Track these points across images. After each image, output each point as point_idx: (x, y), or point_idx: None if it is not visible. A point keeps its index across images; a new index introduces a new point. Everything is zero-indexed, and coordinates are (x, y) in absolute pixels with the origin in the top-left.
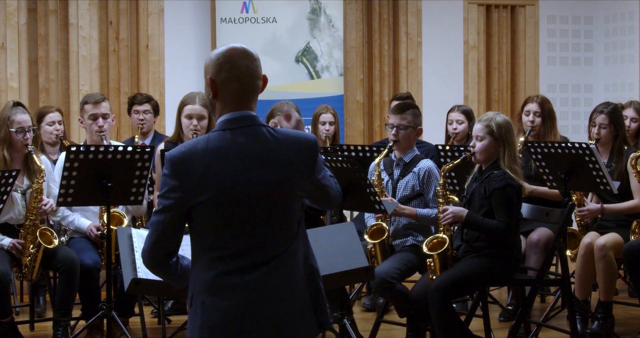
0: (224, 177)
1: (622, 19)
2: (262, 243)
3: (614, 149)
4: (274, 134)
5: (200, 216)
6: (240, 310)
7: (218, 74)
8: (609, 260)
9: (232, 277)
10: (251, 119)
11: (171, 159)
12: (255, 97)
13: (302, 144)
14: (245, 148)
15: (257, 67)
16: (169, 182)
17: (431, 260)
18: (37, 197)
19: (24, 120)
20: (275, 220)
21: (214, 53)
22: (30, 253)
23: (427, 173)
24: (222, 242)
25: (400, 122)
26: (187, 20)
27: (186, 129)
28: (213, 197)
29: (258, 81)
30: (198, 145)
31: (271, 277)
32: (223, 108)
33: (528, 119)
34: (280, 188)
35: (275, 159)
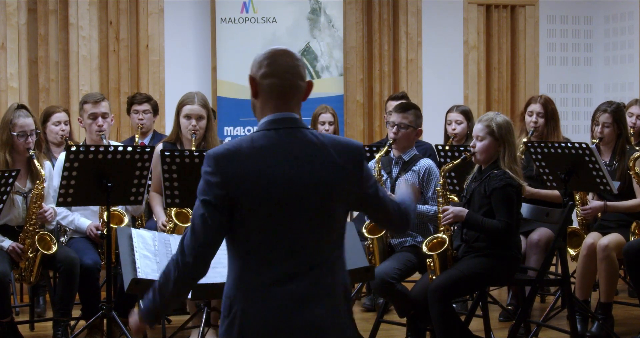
0: (268, 176)
1: (622, 19)
2: (304, 248)
3: (616, 148)
4: (318, 137)
5: (241, 219)
6: (280, 320)
7: (258, 70)
8: (611, 260)
9: (273, 284)
10: (295, 121)
11: (215, 156)
12: (297, 97)
13: (348, 148)
14: (291, 148)
15: (298, 66)
16: (210, 179)
17: (431, 260)
18: (37, 203)
19: (26, 124)
20: (319, 224)
21: (257, 54)
22: (29, 258)
23: (427, 172)
24: (264, 246)
25: (401, 121)
26: (187, 20)
27: (185, 129)
28: (256, 196)
29: (299, 81)
30: (243, 143)
31: (313, 286)
32: (263, 107)
33: (531, 119)
34: (325, 190)
35: (320, 161)
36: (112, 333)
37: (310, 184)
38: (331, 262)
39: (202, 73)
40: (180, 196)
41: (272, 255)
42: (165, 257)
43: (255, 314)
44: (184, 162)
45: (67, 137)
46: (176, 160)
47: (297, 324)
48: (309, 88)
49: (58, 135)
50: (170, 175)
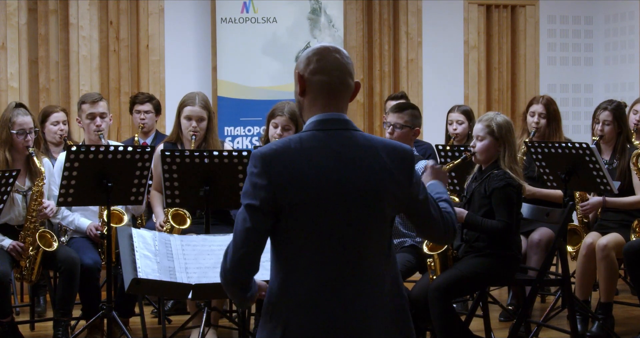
0: (317, 178)
1: (622, 19)
2: (354, 252)
3: (616, 147)
4: (368, 140)
5: (289, 220)
6: (324, 328)
7: (306, 67)
8: (610, 260)
9: (319, 291)
10: (345, 123)
11: (262, 155)
12: (346, 97)
13: (398, 152)
14: (340, 151)
15: (348, 64)
16: (257, 180)
17: (431, 260)
18: (37, 200)
19: (25, 122)
20: (367, 228)
21: (307, 50)
22: (30, 256)
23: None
24: (310, 250)
25: (397, 121)
26: (187, 20)
27: (185, 130)
28: (305, 199)
29: (349, 78)
30: (291, 143)
31: (363, 297)
32: (311, 106)
33: (533, 120)
34: (375, 194)
35: (370, 164)
36: (112, 333)
37: (359, 188)
38: (378, 272)
39: (202, 73)
40: (180, 196)
41: (318, 260)
42: (166, 257)
43: (301, 324)
44: (184, 162)
45: (65, 137)
46: (176, 160)
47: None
48: (357, 88)
49: (57, 135)
50: (170, 175)
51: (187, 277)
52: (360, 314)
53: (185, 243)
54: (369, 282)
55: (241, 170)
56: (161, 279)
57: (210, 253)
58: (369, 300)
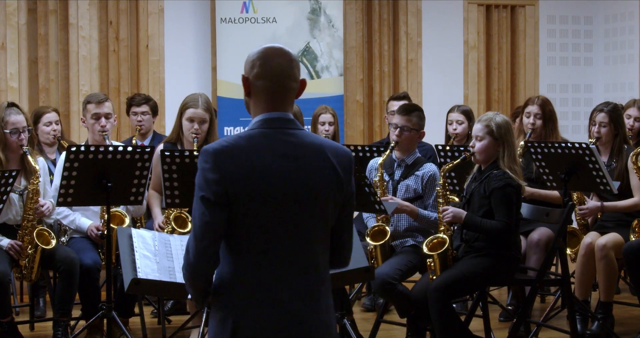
0: (265, 174)
1: (622, 19)
2: (305, 248)
3: (614, 148)
4: (313, 139)
5: (237, 213)
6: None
7: (250, 70)
8: (609, 260)
9: (269, 283)
10: (291, 122)
11: (213, 151)
12: (290, 98)
13: (342, 154)
14: (288, 148)
15: (291, 67)
16: (209, 176)
17: (431, 261)
18: (34, 198)
19: (17, 121)
20: (312, 223)
21: (251, 51)
22: (28, 254)
23: (431, 178)
24: (259, 244)
25: (405, 124)
26: (187, 20)
27: (187, 131)
28: (253, 193)
29: (292, 82)
30: (240, 140)
31: (314, 285)
32: (256, 107)
33: (529, 121)
34: (321, 191)
35: (316, 163)
36: (112, 333)
37: (307, 184)
38: (324, 262)
39: (202, 73)
40: (180, 196)
41: (268, 253)
42: (165, 257)
43: (252, 314)
44: (184, 162)
45: (59, 137)
46: (176, 160)
47: (298, 326)
48: (302, 87)
49: (50, 135)
50: (170, 175)
51: None
52: (310, 305)
53: (185, 243)
54: (316, 275)
55: None
56: (161, 279)
57: None
58: (316, 292)
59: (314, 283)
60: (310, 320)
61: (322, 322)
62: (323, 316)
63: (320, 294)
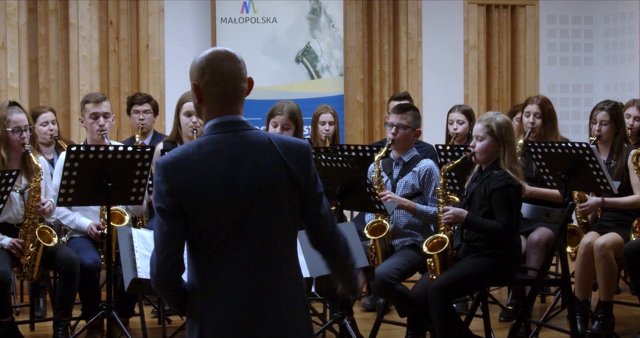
0: (218, 180)
1: (622, 19)
2: (260, 247)
3: (614, 147)
4: (265, 138)
5: (193, 223)
6: (240, 316)
7: (201, 78)
8: (608, 260)
9: (233, 280)
10: (241, 124)
11: (162, 164)
12: (241, 100)
13: (294, 146)
14: (238, 151)
15: (240, 69)
16: (161, 187)
17: (431, 260)
18: (36, 196)
19: (20, 119)
20: (272, 224)
21: (197, 57)
22: (30, 253)
23: (428, 173)
24: (219, 247)
25: (400, 122)
26: (187, 20)
27: (185, 126)
28: (207, 201)
29: (242, 84)
30: (189, 149)
31: (271, 282)
32: (209, 112)
33: (528, 120)
34: (276, 190)
35: (269, 162)
36: (112, 333)
37: (257, 183)
38: (285, 260)
39: None
40: None
41: (225, 257)
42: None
43: (214, 315)
44: None
45: (56, 137)
46: None
47: (254, 323)
48: (250, 86)
49: (47, 135)
50: None
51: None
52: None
53: None
54: (277, 271)
55: None
56: None
57: None
58: (278, 289)
59: (272, 282)
60: (270, 319)
61: (284, 320)
62: (288, 317)
63: (284, 293)
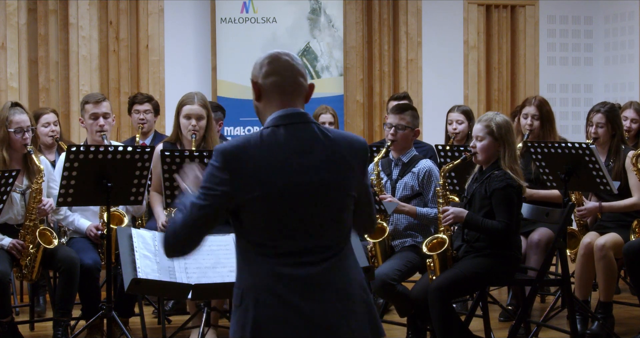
0: (278, 172)
1: (622, 19)
2: (316, 242)
3: (611, 148)
4: (326, 133)
5: (252, 212)
6: (295, 308)
7: (259, 71)
8: (608, 260)
9: (288, 273)
10: (303, 116)
11: (224, 151)
12: (300, 95)
13: (356, 144)
14: (301, 144)
15: (299, 65)
16: (218, 174)
17: (431, 261)
18: (37, 198)
19: (22, 120)
20: (329, 219)
21: (257, 58)
22: (30, 254)
23: (427, 174)
24: (276, 240)
25: (399, 122)
26: (187, 20)
27: (185, 129)
28: (267, 193)
29: (301, 78)
30: (252, 139)
31: (327, 276)
32: (268, 107)
33: (526, 122)
34: (336, 187)
35: (331, 157)
36: (112, 333)
37: (319, 178)
38: (343, 254)
39: (202, 73)
40: (180, 196)
41: (285, 248)
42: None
43: (270, 303)
44: (184, 162)
45: (57, 138)
46: (176, 160)
47: (309, 316)
48: (311, 89)
49: (48, 136)
50: (170, 175)
51: (187, 277)
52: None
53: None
54: (336, 265)
55: None
56: (161, 279)
57: (210, 253)
58: (339, 283)
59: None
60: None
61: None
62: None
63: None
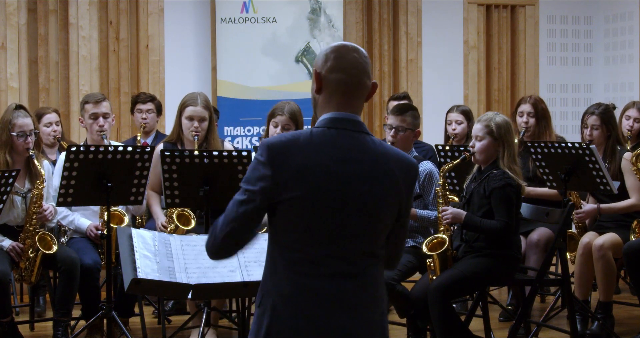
0: (322, 175)
1: (622, 19)
2: (345, 254)
3: (606, 150)
4: (379, 145)
5: (286, 213)
6: (310, 319)
7: (324, 64)
8: (607, 260)
9: (309, 283)
10: (358, 124)
11: (270, 145)
12: (362, 95)
13: (408, 164)
14: (349, 151)
15: (367, 63)
16: (261, 169)
17: (431, 261)
18: (37, 203)
19: (25, 124)
20: (364, 233)
21: (325, 47)
22: (29, 258)
23: (428, 176)
24: (305, 245)
25: (399, 124)
26: (187, 20)
27: (186, 130)
28: (306, 194)
29: (366, 78)
30: (301, 137)
31: (349, 292)
32: (326, 103)
33: (522, 119)
34: (377, 200)
35: (377, 170)
36: (112, 333)
37: (362, 189)
38: (372, 273)
39: (202, 73)
40: (180, 196)
41: (312, 254)
42: (165, 257)
43: (286, 309)
44: (184, 162)
45: (59, 138)
46: (176, 160)
47: (324, 330)
48: (374, 89)
49: (50, 136)
50: (170, 175)
51: (187, 277)
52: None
53: (185, 243)
54: (361, 282)
55: (241, 170)
56: (161, 279)
57: None
58: (358, 300)
59: (355, 294)
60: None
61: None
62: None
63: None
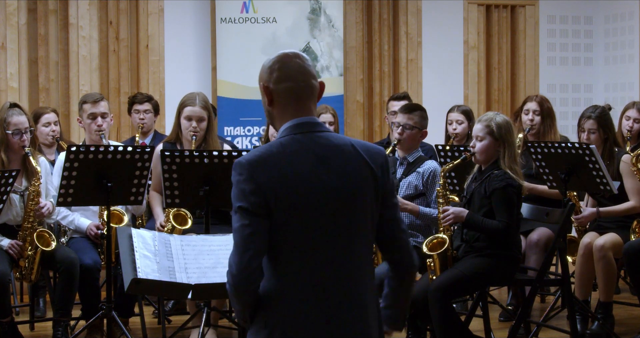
0: (305, 180)
1: (622, 19)
2: (343, 254)
3: (604, 152)
4: (347, 141)
5: (277, 224)
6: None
7: (270, 76)
8: (608, 260)
9: (311, 292)
10: (319, 125)
11: (247, 162)
12: (313, 98)
13: (374, 149)
14: (324, 152)
15: (309, 66)
16: (245, 187)
17: (431, 261)
18: (35, 200)
19: (20, 121)
20: (354, 227)
21: (266, 60)
22: (28, 255)
23: (432, 174)
24: (301, 252)
25: (407, 122)
26: (187, 20)
27: (185, 130)
28: (291, 202)
29: (313, 80)
30: (273, 148)
31: (354, 292)
32: (282, 113)
33: (527, 117)
34: (360, 193)
35: (356, 165)
36: (112, 333)
37: (344, 186)
38: (366, 268)
39: (202, 73)
40: (180, 196)
41: (310, 262)
42: (165, 257)
43: (298, 326)
44: (184, 162)
45: (58, 138)
46: (176, 160)
47: (325, 330)
48: (322, 88)
49: (49, 136)
50: (170, 175)
51: (187, 277)
52: (355, 314)
53: (185, 243)
54: (360, 282)
55: None
56: (161, 279)
57: (210, 253)
58: (360, 301)
59: (355, 291)
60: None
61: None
62: (370, 322)
63: (365, 302)
